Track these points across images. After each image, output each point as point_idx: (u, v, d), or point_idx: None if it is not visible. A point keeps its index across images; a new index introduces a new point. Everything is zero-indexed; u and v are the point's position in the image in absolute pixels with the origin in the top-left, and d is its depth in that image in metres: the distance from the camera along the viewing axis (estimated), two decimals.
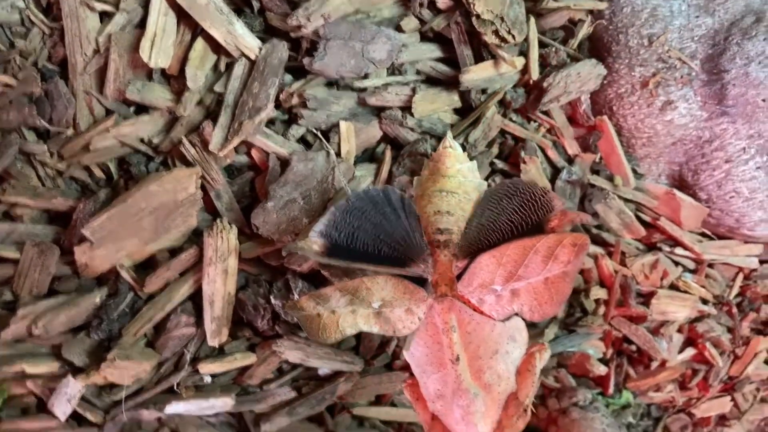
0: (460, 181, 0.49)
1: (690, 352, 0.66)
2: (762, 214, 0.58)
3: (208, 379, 0.55)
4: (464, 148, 0.55)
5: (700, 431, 0.73)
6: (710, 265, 0.64)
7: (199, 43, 0.51)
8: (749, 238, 0.62)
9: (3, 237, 0.50)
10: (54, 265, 0.50)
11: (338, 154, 0.53)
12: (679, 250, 0.62)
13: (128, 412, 0.53)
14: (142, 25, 0.51)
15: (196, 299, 0.53)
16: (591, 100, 0.57)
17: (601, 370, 0.64)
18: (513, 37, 0.53)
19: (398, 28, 0.54)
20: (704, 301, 0.65)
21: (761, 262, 0.65)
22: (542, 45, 0.56)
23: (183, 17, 0.51)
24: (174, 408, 0.54)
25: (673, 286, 0.63)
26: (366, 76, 0.53)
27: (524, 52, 0.55)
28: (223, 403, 0.55)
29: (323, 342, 0.44)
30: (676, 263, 0.63)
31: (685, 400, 0.70)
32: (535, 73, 0.55)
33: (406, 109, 0.54)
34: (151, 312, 0.52)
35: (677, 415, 0.72)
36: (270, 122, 0.53)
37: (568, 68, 0.55)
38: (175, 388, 0.53)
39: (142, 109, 0.51)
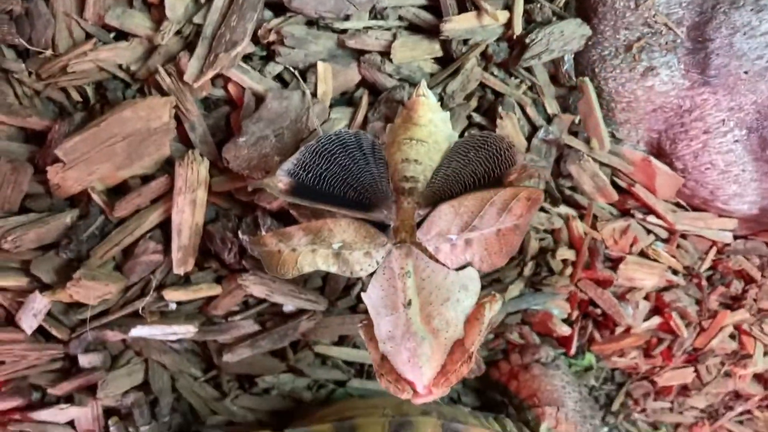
0: (431, 130, 0.49)
1: (656, 320, 0.67)
2: (736, 188, 0.58)
3: (173, 306, 0.56)
4: (441, 99, 0.55)
5: (662, 400, 0.75)
6: (683, 236, 0.64)
7: None
8: (722, 211, 0.62)
9: None
10: (27, 182, 0.51)
11: (314, 95, 0.53)
12: (652, 219, 0.62)
13: (93, 332, 0.55)
14: None
15: (165, 228, 0.54)
16: (574, 61, 0.57)
17: (564, 330, 0.64)
18: None
19: None
20: (674, 272, 0.65)
21: (735, 237, 0.66)
22: (528, 0, 0.55)
23: None
24: (138, 331, 0.55)
25: (642, 254, 0.63)
26: (347, 18, 0.53)
27: (509, 6, 0.55)
28: (186, 330, 0.56)
29: (281, 277, 0.45)
30: (649, 231, 0.63)
31: (649, 368, 0.71)
32: (518, 28, 0.54)
33: (386, 54, 0.54)
34: (120, 236, 0.53)
35: (640, 382, 0.73)
36: (247, 57, 0.53)
37: (552, 26, 0.54)
38: (140, 312, 0.55)
39: (121, 35, 0.52)
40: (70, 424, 0.58)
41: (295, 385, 0.63)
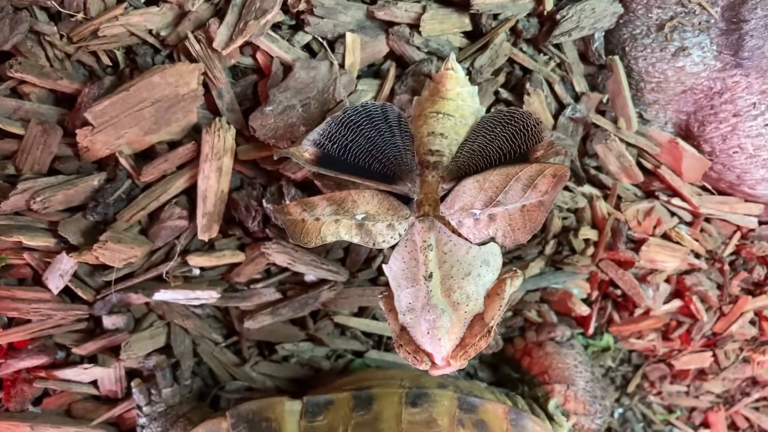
0: (459, 104, 0.49)
1: (676, 303, 0.67)
2: (764, 172, 0.58)
3: (196, 272, 0.57)
4: (469, 73, 0.55)
5: (678, 383, 0.75)
6: (707, 220, 0.64)
7: None
8: (749, 196, 0.61)
9: (9, 113, 0.51)
10: (56, 144, 0.52)
11: (342, 66, 0.53)
12: (676, 201, 0.61)
13: (118, 294, 0.56)
14: None
15: (191, 194, 0.55)
16: (604, 39, 0.56)
17: (583, 310, 0.65)
18: None
19: None
20: (696, 255, 0.65)
21: (760, 222, 0.65)
22: None
23: None
24: (162, 295, 0.56)
25: (665, 236, 0.63)
26: None
27: None
28: (209, 296, 0.57)
29: (304, 246, 0.45)
30: (673, 214, 0.63)
31: (666, 351, 0.71)
32: (549, 4, 0.54)
33: (415, 27, 0.53)
34: (146, 200, 0.53)
35: (657, 365, 0.73)
36: (276, 26, 0.53)
37: (583, 2, 0.54)
38: (164, 276, 0.56)
39: (152, 0, 0.52)
40: (93, 383, 0.59)
41: (314, 354, 0.64)
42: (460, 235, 0.44)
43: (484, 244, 0.44)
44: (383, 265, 0.44)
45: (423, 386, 0.56)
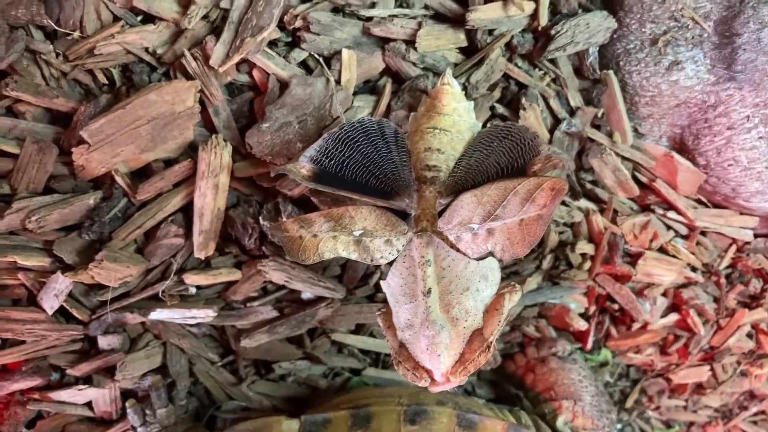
0: (455, 120, 0.49)
1: (673, 317, 0.67)
2: (759, 185, 0.58)
3: (193, 290, 0.57)
4: (465, 89, 0.55)
5: (676, 398, 0.74)
6: (703, 233, 0.64)
7: None
8: (744, 208, 0.61)
9: (5, 132, 0.51)
10: (52, 163, 0.51)
11: (338, 82, 0.53)
12: (672, 214, 0.62)
13: (113, 314, 0.55)
14: None
15: (187, 212, 0.54)
16: (599, 54, 0.57)
17: (581, 324, 0.64)
18: None
19: None
20: (693, 268, 0.65)
21: (756, 235, 0.65)
22: None
23: None
24: (158, 314, 0.56)
25: (662, 250, 0.63)
26: (373, 6, 0.53)
27: None
28: (205, 314, 0.56)
29: (301, 263, 0.45)
30: (668, 227, 0.63)
31: (664, 365, 0.71)
32: (543, 19, 0.54)
33: (411, 43, 0.53)
34: (142, 219, 0.53)
35: (655, 379, 0.73)
36: (273, 43, 0.53)
37: (578, 18, 0.54)
38: (160, 295, 0.55)
39: (148, 18, 0.52)
40: (88, 405, 0.59)
41: (311, 372, 0.63)
42: (458, 250, 0.44)
43: (482, 259, 0.44)
44: (381, 282, 0.44)
45: (422, 403, 0.55)
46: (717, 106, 0.56)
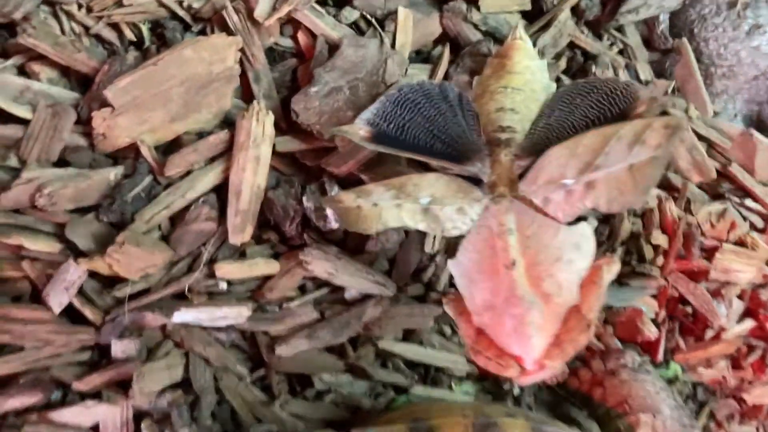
0: (528, 78, 0.45)
1: (748, 323, 0.60)
2: None
3: (223, 286, 0.49)
4: None
5: (748, 423, 0.67)
6: None
7: None
8: None
9: (15, 94, 0.44)
10: (68, 130, 0.45)
11: (392, 46, 0.48)
12: (748, 202, 0.56)
13: (131, 314, 0.47)
14: None
15: (221, 193, 0.48)
16: (669, 22, 0.53)
17: (652, 331, 0.58)
18: None
19: None
20: None
21: None
22: None
23: None
24: (183, 315, 0.48)
25: (739, 242, 0.57)
26: None
27: None
28: (237, 314, 0.49)
29: (363, 232, 0.39)
30: (744, 218, 0.57)
31: (737, 382, 0.64)
32: None
33: (472, 2, 0.49)
34: (169, 198, 0.46)
35: (725, 401, 0.65)
36: (322, 2, 0.48)
37: None
38: (185, 291, 0.48)
39: None
40: (94, 428, 0.50)
41: (352, 390, 0.55)
42: (546, 214, 0.38)
43: (574, 224, 0.38)
44: (448, 262, 0.38)
45: (489, 416, 0.48)
46: None
